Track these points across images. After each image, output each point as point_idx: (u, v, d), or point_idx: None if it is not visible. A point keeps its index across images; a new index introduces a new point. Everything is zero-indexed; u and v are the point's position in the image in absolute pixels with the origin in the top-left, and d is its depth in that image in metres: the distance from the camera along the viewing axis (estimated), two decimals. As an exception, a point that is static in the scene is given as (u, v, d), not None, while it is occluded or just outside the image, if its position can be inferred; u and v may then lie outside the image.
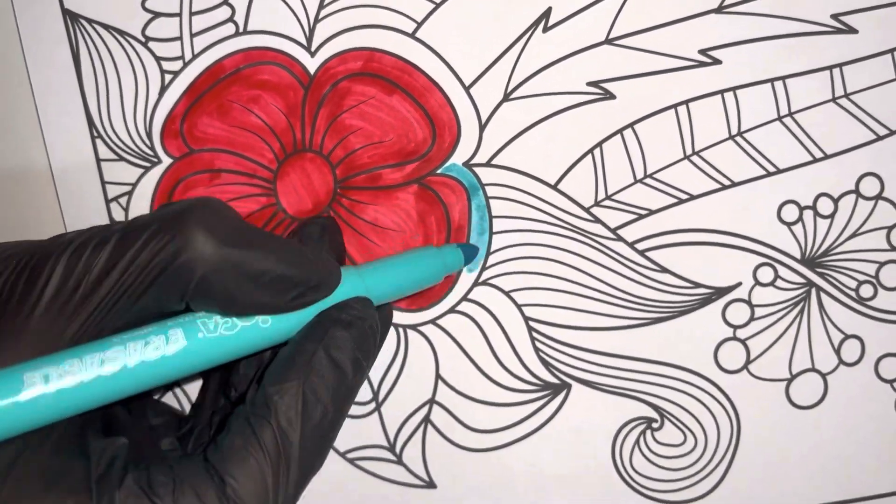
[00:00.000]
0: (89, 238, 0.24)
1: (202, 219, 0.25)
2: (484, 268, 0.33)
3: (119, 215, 0.33)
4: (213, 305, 0.25)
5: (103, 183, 0.33)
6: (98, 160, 0.33)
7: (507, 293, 0.33)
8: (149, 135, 0.33)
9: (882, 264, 0.32)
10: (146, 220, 0.25)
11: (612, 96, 0.32)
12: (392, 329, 0.33)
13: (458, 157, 0.33)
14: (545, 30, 0.32)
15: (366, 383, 0.34)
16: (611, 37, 0.32)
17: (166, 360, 0.24)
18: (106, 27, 0.33)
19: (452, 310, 0.33)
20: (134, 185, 0.33)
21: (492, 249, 0.33)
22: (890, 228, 0.32)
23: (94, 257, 0.24)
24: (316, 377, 0.26)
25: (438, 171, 0.33)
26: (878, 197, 0.32)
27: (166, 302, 0.25)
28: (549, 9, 0.32)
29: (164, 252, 0.24)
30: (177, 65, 0.33)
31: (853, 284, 0.33)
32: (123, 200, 0.33)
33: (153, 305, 0.25)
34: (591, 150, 0.33)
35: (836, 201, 0.32)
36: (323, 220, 0.32)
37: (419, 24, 0.32)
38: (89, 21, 0.33)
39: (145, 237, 0.24)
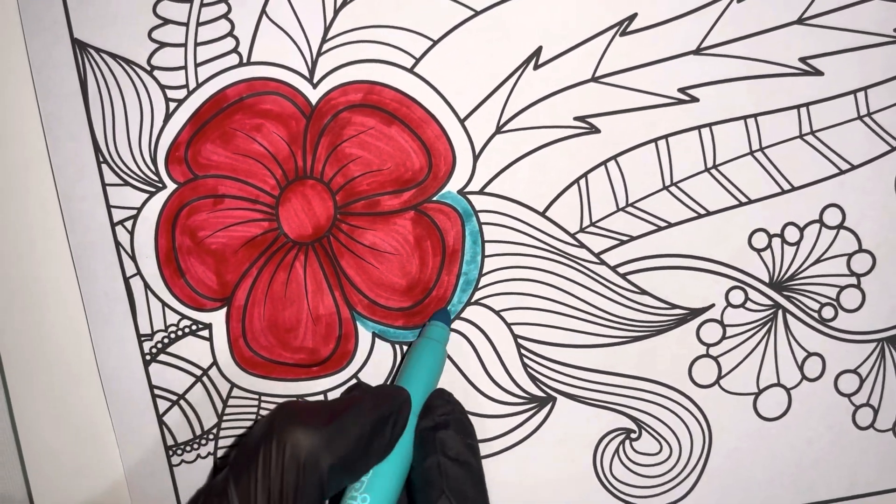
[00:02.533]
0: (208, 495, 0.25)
1: (290, 420, 0.26)
2: (476, 288, 0.35)
3: (124, 239, 0.35)
4: (345, 480, 0.27)
5: (109, 207, 0.35)
6: (104, 185, 0.35)
7: (497, 312, 0.35)
8: (154, 161, 0.35)
9: (843, 288, 0.35)
10: (246, 456, 0.26)
11: (597, 130, 0.34)
12: (389, 346, 0.35)
13: (453, 185, 0.35)
14: (536, 67, 0.34)
15: (363, 398, 0.35)
16: (597, 75, 0.34)
17: None
18: (113, 56, 0.34)
19: (446, 329, 0.35)
20: (139, 210, 0.35)
21: (484, 272, 0.35)
22: (850, 255, 0.35)
23: None
24: (452, 481, 0.28)
25: (434, 199, 0.35)
26: (840, 226, 0.35)
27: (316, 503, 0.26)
28: (540, 48, 0.34)
29: (287, 466, 0.25)
30: (181, 93, 0.34)
31: (816, 306, 0.35)
32: (129, 224, 0.35)
33: None
34: (577, 181, 0.35)
35: (801, 230, 0.35)
36: (357, 383, 0.35)
37: (417, 60, 0.34)
38: (97, 50, 0.34)
39: (261, 466, 0.25)
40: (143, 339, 0.35)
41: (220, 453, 0.36)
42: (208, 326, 0.35)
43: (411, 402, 0.30)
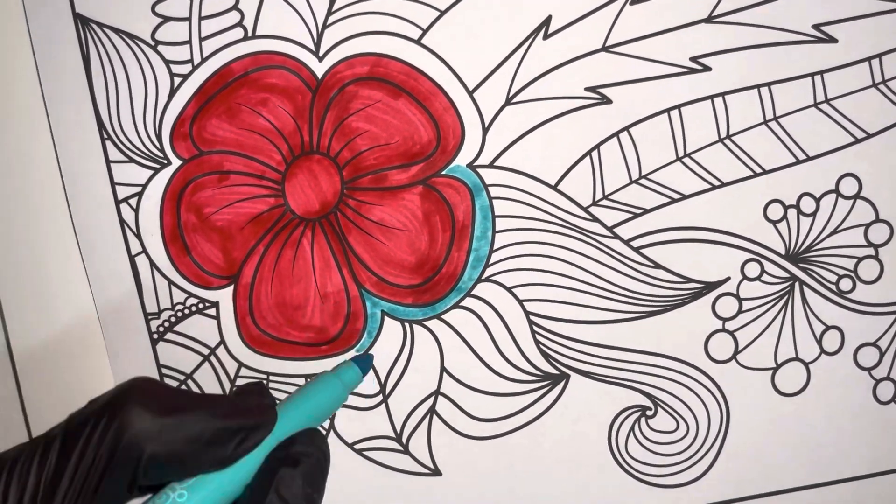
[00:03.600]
0: (32, 452, 0.25)
1: (135, 399, 0.26)
2: (487, 265, 0.35)
3: (129, 217, 0.34)
4: (169, 475, 0.27)
5: (113, 184, 0.34)
6: (108, 162, 0.34)
7: (509, 289, 0.35)
8: (158, 137, 0.34)
9: (860, 259, 0.35)
10: (83, 416, 0.26)
11: (608, 101, 0.34)
12: (399, 324, 0.35)
13: (462, 159, 0.34)
14: (545, 37, 0.33)
15: (373, 376, 0.35)
16: (607, 44, 0.34)
17: None
18: (116, 31, 0.34)
19: (457, 305, 0.35)
20: (144, 187, 0.34)
21: (495, 247, 0.34)
22: (867, 226, 0.34)
23: (42, 469, 0.25)
24: None
25: (443, 173, 0.34)
26: (857, 196, 0.34)
27: (125, 485, 0.26)
28: (550, 17, 0.33)
29: (107, 441, 0.25)
30: (186, 68, 0.34)
31: (833, 278, 0.35)
32: (133, 201, 0.34)
33: (114, 492, 0.26)
34: (588, 153, 0.34)
35: (817, 200, 0.34)
36: (258, 382, 0.34)
37: (424, 31, 0.33)
38: (100, 25, 0.33)
39: (87, 433, 0.25)
40: (149, 317, 0.34)
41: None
42: (215, 305, 0.34)
43: (273, 428, 0.29)
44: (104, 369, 0.34)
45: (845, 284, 0.35)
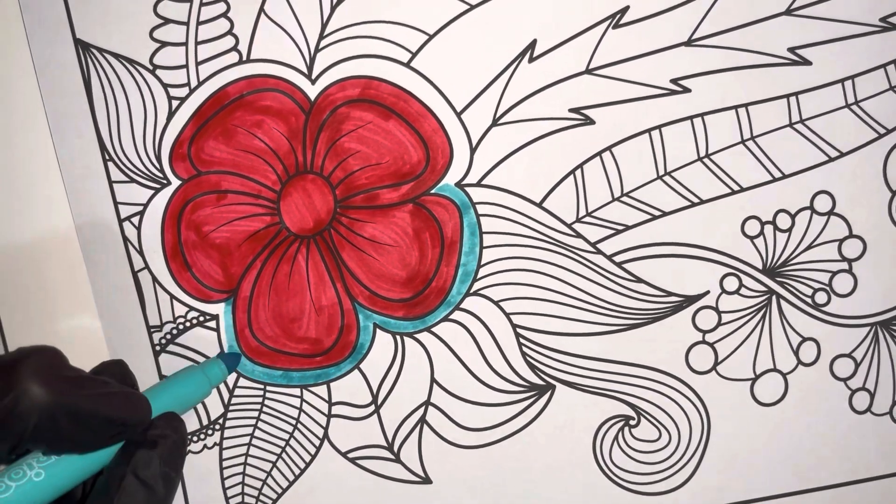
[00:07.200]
0: None
1: (34, 369, 0.26)
2: (475, 279, 0.36)
3: (132, 234, 0.35)
4: (42, 447, 0.27)
5: (116, 203, 0.35)
6: (110, 182, 0.35)
7: (496, 303, 0.36)
8: (158, 158, 0.35)
9: (835, 273, 0.36)
10: None
11: (591, 122, 0.35)
12: (390, 336, 0.36)
13: (451, 178, 0.35)
14: (531, 60, 0.35)
15: (365, 387, 0.36)
16: (591, 67, 0.35)
17: None
18: (116, 56, 0.35)
19: (446, 318, 0.36)
20: (145, 206, 0.35)
21: (482, 262, 0.36)
22: (841, 241, 0.36)
23: None
24: (127, 498, 0.28)
25: (432, 191, 0.35)
26: (831, 213, 0.35)
27: (5, 452, 0.26)
28: (535, 41, 0.35)
29: (2, 407, 0.25)
30: (183, 91, 0.35)
31: (809, 292, 0.36)
32: (135, 220, 0.35)
33: None
34: (572, 171, 0.35)
35: (793, 217, 0.36)
36: (118, 361, 0.33)
37: (414, 55, 0.35)
38: (100, 50, 0.35)
39: None
40: (152, 330, 0.36)
41: (226, 444, 0.36)
42: (215, 318, 0.36)
43: (148, 419, 0.29)
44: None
45: (821, 298, 0.36)
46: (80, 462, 0.28)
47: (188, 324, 0.36)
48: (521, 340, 0.36)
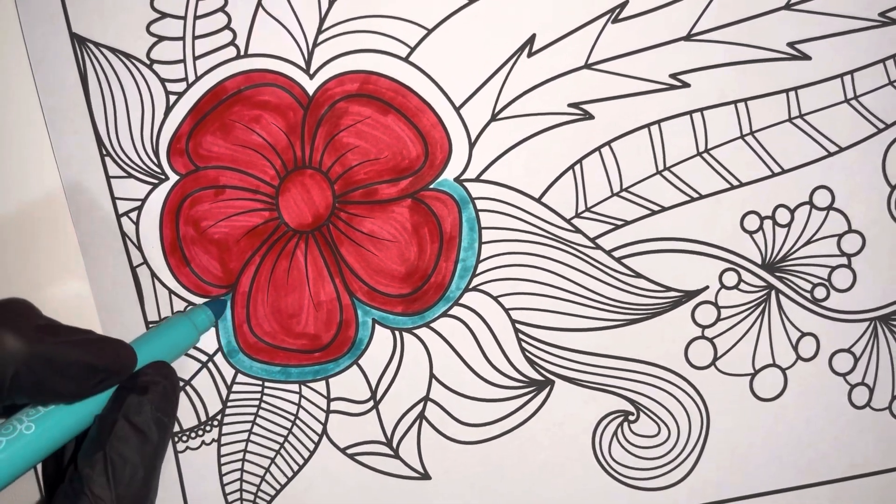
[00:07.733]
0: None
1: (7, 320, 0.26)
2: (474, 275, 0.36)
3: (130, 230, 0.35)
4: (25, 398, 0.27)
5: (114, 199, 0.35)
6: (108, 177, 0.35)
7: (495, 298, 0.36)
8: (156, 153, 0.35)
9: (834, 268, 0.36)
10: None
11: (590, 116, 0.35)
12: (389, 332, 0.36)
13: (450, 173, 0.35)
14: (530, 55, 0.35)
15: (364, 383, 0.36)
16: (590, 62, 0.35)
17: None
18: (112, 50, 0.35)
19: (445, 314, 0.36)
20: (143, 201, 0.35)
21: (481, 258, 0.36)
22: (840, 236, 0.36)
23: None
24: (119, 442, 0.27)
25: (431, 186, 0.35)
26: (830, 208, 0.36)
27: None
28: (534, 35, 0.34)
29: None
30: (181, 86, 0.35)
31: (808, 287, 0.36)
32: (134, 215, 0.35)
33: None
34: (571, 167, 0.35)
35: (792, 212, 0.36)
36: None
37: (412, 49, 0.35)
38: (96, 45, 0.35)
39: None
40: (151, 325, 0.36)
41: (224, 440, 0.36)
42: (212, 314, 0.36)
43: (133, 366, 0.29)
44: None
45: (820, 293, 0.36)
46: (71, 414, 0.28)
47: (186, 320, 0.36)
48: (520, 336, 0.36)
